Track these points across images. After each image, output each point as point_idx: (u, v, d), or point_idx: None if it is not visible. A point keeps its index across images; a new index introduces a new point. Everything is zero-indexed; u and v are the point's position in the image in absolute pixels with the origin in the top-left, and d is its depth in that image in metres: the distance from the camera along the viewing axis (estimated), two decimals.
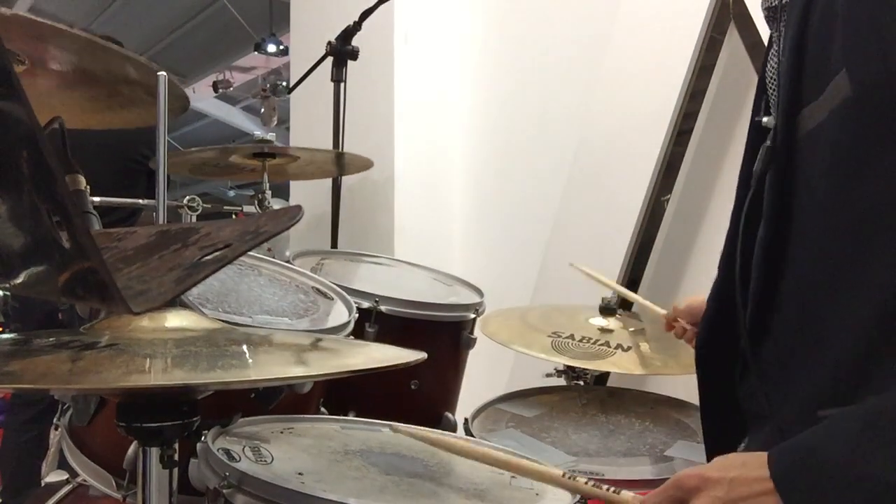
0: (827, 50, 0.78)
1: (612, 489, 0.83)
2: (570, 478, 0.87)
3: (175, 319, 0.78)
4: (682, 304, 1.40)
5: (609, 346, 1.58)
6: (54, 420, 1.30)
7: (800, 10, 0.82)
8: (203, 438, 0.97)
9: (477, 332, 1.69)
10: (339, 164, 2.30)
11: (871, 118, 0.74)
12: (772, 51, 0.92)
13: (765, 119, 0.92)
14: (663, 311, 1.48)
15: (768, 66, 0.93)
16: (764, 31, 1.90)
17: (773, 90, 0.91)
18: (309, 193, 2.76)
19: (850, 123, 0.76)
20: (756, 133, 0.94)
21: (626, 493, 0.82)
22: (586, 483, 0.86)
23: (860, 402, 0.72)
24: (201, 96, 9.73)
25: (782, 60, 0.83)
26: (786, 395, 0.83)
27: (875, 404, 0.70)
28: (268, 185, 2.10)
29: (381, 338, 1.48)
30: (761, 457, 0.73)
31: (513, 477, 1.07)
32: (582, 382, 1.71)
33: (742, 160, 0.99)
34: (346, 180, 2.47)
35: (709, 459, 1.03)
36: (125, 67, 1.09)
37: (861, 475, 0.67)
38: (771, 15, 0.92)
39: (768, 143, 0.83)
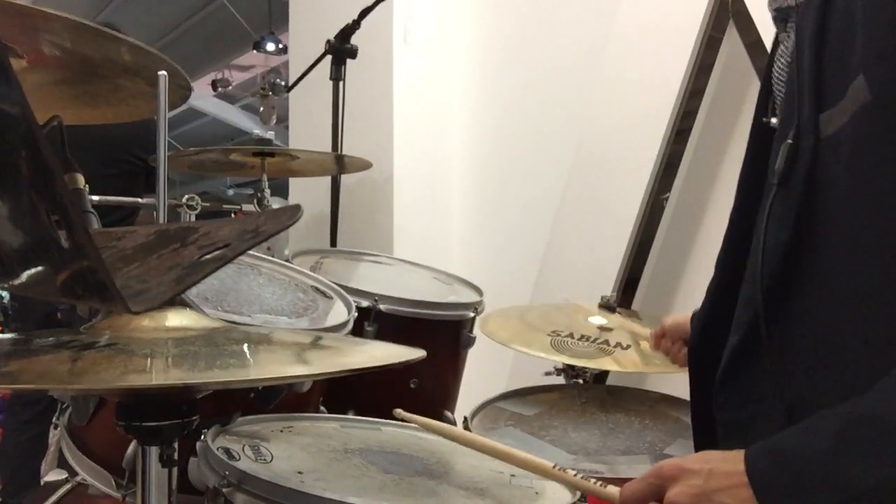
0: (846, 54, 0.77)
1: (599, 483, 0.85)
2: (560, 469, 0.89)
3: (175, 318, 0.78)
4: (668, 321, 1.40)
5: (608, 345, 1.58)
6: (53, 419, 1.30)
7: (816, 12, 0.81)
8: (203, 437, 0.97)
9: (476, 331, 1.69)
10: (339, 163, 2.30)
11: (891, 122, 0.74)
12: (778, 51, 0.92)
13: (773, 120, 0.91)
14: (648, 330, 1.48)
15: (775, 66, 0.92)
16: (763, 30, 1.90)
17: (780, 91, 0.90)
18: (308, 192, 2.76)
19: (870, 128, 0.75)
20: (761, 134, 0.94)
21: (612, 488, 0.83)
22: (575, 475, 0.88)
23: (842, 404, 0.72)
24: (200, 95, 9.72)
25: (804, 62, 0.82)
26: (807, 392, 0.82)
27: (854, 406, 0.71)
28: (267, 183, 2.11)
29: (381, 337, 1.48)
30: (741, 452, 0.75)
31: (512, 475, 1.07)
32: (581, 381, 1.71)
33: (745, 160, 0.98)
34: (346, 179, 2.47)
35: None
36: (120, 52, 1.08)
37: (835, 477, 0.69)
38: (780, 15, 0.91)
39: (790, 140, 0.82)
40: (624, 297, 2.15)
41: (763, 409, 0.86)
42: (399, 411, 1.05)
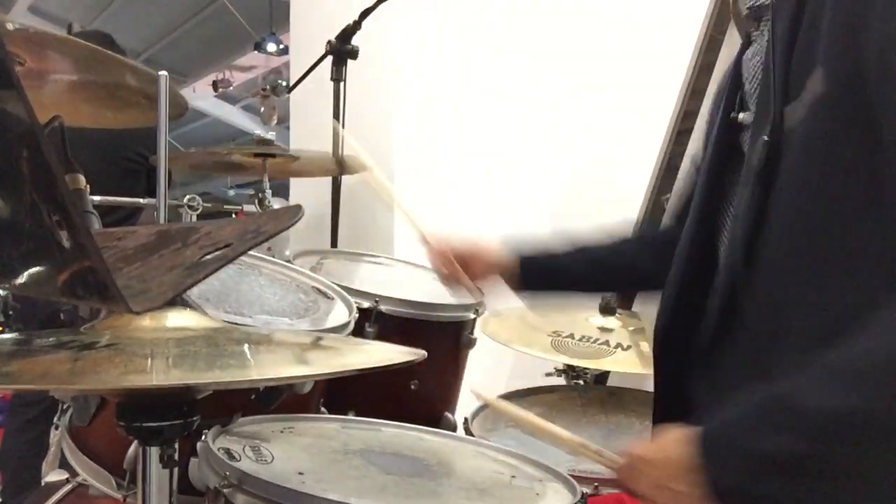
0: (812, 50, 0.80)
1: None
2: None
3: (176, 318, 0.78)
4: (465, 244, 1.28)
5: (609, 345, 1.58)
6: (54, 420, 1.30)
7: (790, 11, 0.84)
8: (203, 438, 0.97)
9: (477, 332, 1.69)
10: (340, 164, 2.30)
11: (841, 115, 0.77)
12: (751, 48, 0.93)
13: (741, 115, 0.93)
14: (428, 240, 1.32)
15: (748, 63, 0.94)
16: None
17: (754, 88, 0.92)
18: (309, 193, 2.76)
19: (823, 119, 0.78)
20: (728, 129, 0.95)
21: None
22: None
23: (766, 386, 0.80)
24: (201, 95, 9.73)
25: (776, 59, 0.84)
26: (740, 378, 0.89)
27: (771, 389, 0.79)
28: (268, 184, 2.11)
29: (381, 338, 1.48)
30: (690, 435, 0.81)
31: (513, 476, 1.07)
32: (582, 382, 1.72)
33: (709, 155, 0.99)
34: (346, 180, 2.47)
35: None
36: (125, 75, 1.10)
37: (751, 449, 0.76)
38: (754, 14, 0.93)
39: (766, 137, 0.83)
40: (624, 298, 2.15)
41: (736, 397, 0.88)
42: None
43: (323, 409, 1.40)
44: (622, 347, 1.57)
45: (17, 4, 7.52)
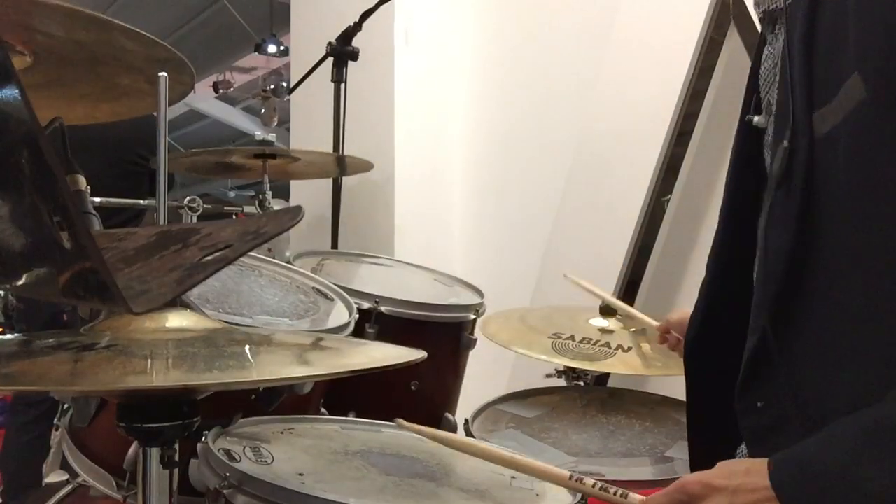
0: (838, 53, 0.77)
1: (620, 492, 0.83)
2: (576, 480, 0.87)
3: (176, 320, 0.78)
4: (675, 316, 1.43)
5: (609, 347, 1.58)
6: (55, 420, 1.30)
7: (805, 14, 0.82)
8: (203, 439, 0.97)
9: (477, 333, 1.69)
10: (340, 165, 2.30)
11: (889, 119, 0.74)
12: (766, 51, 0.92)
13: (756, 118, 0.92)
14: (656, 323, 1.50)
15: (762, 66, 0.93)
16: None
17: (767, 91, 0.91)
18: (309, 194, 2.76)
19: (868, 125, 0.75)
20: (748, 132, 0.94)
21: (634, 497, 0.82)
22: (593, 486, 0.86)
23: (858, 412, 0.73)
24: (202, 97, 9.72)
25: (794, 64, 0.83)
26: (821, 396, 0.82)
27: (873, 414, 0.72)
28: (268, 185, 2.11)
29: (382, 338, 1.48)
30: (764, 464, 0.75)
31: (513, 477, 1.07)
32: (582, 383, 1.71)
33: (732, 159, 0.98)
34: (347, 180, 2.47)
35: (693, 467, 1.03)
36: (120, 40, 1.07)
37: (857, 485, 0.70)
38: (768, 17, 0.92)
39: (786, 143, 0.82)
40: (625, 299, 2.14)
41: (784, 414, 0.86)
42: (400, 421, 1.03)
43: (323, 409, 1.40)
44: (623, 349, 1.57)
45: None
